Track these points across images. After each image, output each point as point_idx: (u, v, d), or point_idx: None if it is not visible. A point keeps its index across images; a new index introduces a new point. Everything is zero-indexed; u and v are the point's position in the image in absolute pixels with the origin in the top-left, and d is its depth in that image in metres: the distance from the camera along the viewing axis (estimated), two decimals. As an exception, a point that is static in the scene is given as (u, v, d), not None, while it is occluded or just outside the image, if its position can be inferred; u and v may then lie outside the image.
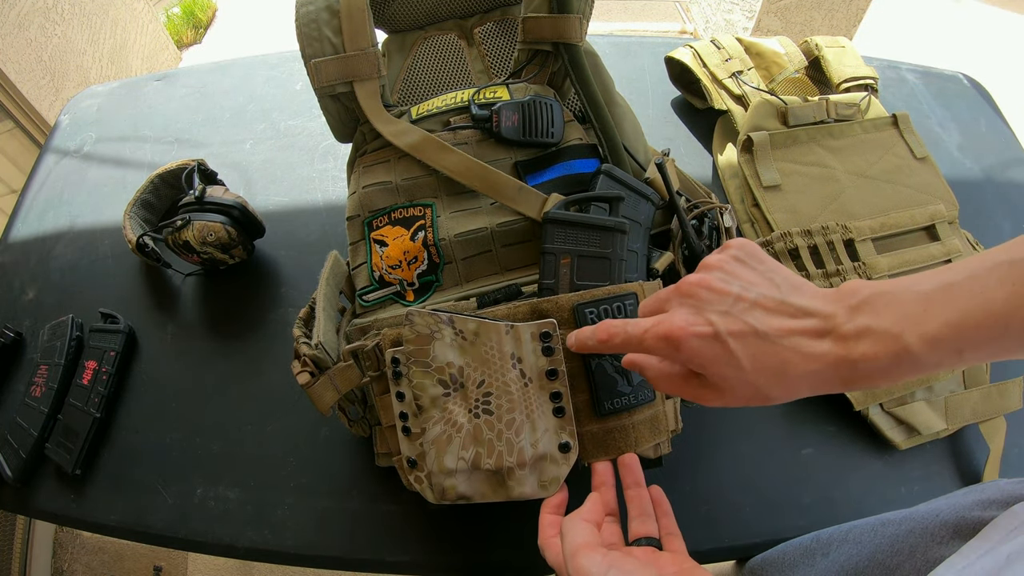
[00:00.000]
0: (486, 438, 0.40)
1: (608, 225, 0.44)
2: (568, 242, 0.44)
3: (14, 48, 1.42)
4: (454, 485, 0.40)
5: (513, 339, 0.39)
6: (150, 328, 0.68)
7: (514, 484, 0.40)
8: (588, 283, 0.43)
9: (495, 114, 0.50)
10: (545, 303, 0.41)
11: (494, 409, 0.40)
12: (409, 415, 0.42)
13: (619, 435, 0.41)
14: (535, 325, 0.40)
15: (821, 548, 0.42)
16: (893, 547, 0.37)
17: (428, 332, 0.40)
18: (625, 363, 0.38)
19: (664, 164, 0.49)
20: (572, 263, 0.44)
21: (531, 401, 0.40)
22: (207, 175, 0.72)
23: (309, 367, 0.46)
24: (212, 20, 2.54)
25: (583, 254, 0.44)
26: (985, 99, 0.86)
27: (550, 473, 0.40)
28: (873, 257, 0.59)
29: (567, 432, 0.40)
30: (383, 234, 0.51)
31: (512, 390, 0.40)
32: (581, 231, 0.44)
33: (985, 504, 0.35)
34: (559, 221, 0.44)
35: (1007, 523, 0.32)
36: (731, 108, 0.71)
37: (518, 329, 0.39)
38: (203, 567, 1.25)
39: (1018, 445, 0.57)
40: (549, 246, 0.44)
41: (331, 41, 0.50)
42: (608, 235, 0.44)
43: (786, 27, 1.79)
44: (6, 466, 0.60)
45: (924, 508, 0.39)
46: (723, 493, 0.54)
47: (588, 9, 0.51)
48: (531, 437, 0.40)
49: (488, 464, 0.40)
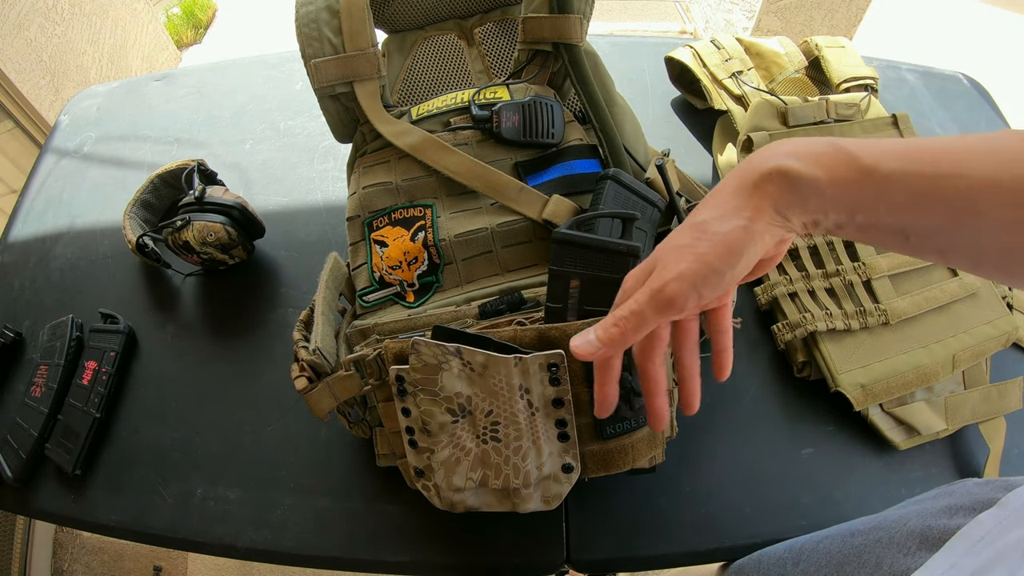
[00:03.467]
0: (494, 462, 0.41)
1: (620, 250, 0.41)
2: (578, 264, 0.41)
3: (14, 48, 1.42)
4: (463, 500, 0.43)
5: (521, 371, 0.40)
6: (150, 328, 0.68)
7: (520, 501, 0.42)
8: (597, 308, 0.41)
9: (495, 115, 0.50)
10: (553, 331, 0.40)
11: (502, 437, 0.41)
12: (416, 429, 0.42)
13: (619, 454, 0.43)
14: (543, 356, 0.39)
15: (792, 558, 0.42)
16: (860, 558, 0.37)
17: (435, 363, 0.40)
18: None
19: (664, 165, 0.49)
20: (580, 286, 0.41)
21: (537, 428, 0.41)
22: (207, 175, 0.72)
23: (307, 372, 0.46)
24: (212, 20, 2.54)
25: (592, 277, 0.41)
26: (985, 99, 0.86)
27: (553, 491, 0.43)
28: (873, 258, 0.59)
29: (571, 455, 0.42)
30: (383, 235, 0.51)
31: (520, 420, 0.40)
32: (591, 253, 0.41)
33: (952, 511, 0.35)
34: (569, 242, 0.41)
35: (973, 534, 0.32)
36: (731, 108, 0.71)
37: (526, 362, 0.39)
38: (203, 567, 1.25)
39: (1018, 445, 0.57)
40: (557, 268, 0.41)
41: (331, 41, 0.50)
42: (620, 259, 0.41)
43: (786, 27, 1.79)
44: (6, 466, 0.60)
45: (893, 514, 0.39)
46: (723, 493, 0.54)
47: (588, 9, 0.51)
48: (536, 460, 0.41)
49: (495, 484, 0.41)
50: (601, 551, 0.52)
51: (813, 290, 0.59)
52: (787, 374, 0.59)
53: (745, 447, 0.56)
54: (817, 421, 0.57)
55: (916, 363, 0.55)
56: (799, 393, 0.58)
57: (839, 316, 0.57)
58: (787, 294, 0.59)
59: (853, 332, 0.56)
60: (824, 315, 0.57)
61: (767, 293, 0.60)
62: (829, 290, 0.59)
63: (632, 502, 0.53)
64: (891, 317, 0.56)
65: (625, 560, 0.52)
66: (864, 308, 0.57)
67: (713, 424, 0.56)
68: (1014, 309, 0.62)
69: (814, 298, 0.58)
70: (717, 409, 0.57)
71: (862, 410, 0.55)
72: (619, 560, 0.52)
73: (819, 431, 0.57)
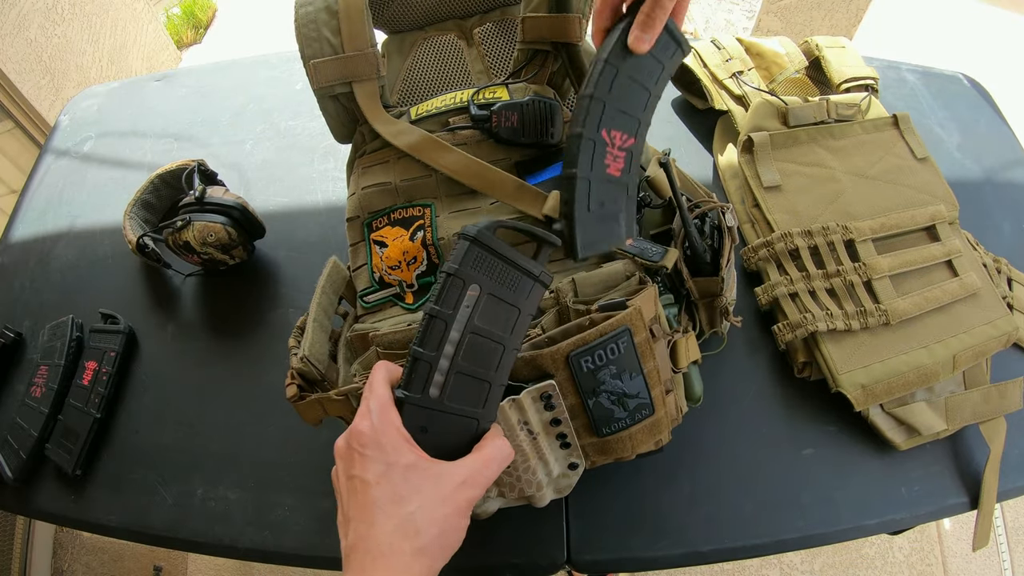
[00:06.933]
0: (507, 482, 0.43)
1: (532, 272, 0.37)
2: (483, 272, 0.36)
3: (14, 48, 1.42)
4: (486, 510, 0.45)
5: (517, 408, 0.40)
6: (150, 328, 0.68)
7: (537, 501, 0.45)
8: (486, 331, 0.36)
9: (494, 114, 0.50)
10: (541, 358, 0.40)
11: (509, 466, 0.42)
12: None
13: (617, 445, 0.44)
14: (535, 391, 0.40)
15: None
16: None
17: None
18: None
19: (668, 163, 0.49)
20: (480, 299, 0.35)
21: (541, 447, 0.42)
22: (207, 175, 0.72)
23: (297, 380, 0.46)
24: (212, 20, 2.54)
25: (495, 294, 0.36)
26: (985, 99, 0.86)
27: (564, 483, 0.46)
28: (874, 258, 0.59)
29: (575, 455, 0.44)
30: (383, 235, 0.51)
31: (525, 448, 0.42)
32: (500, 265, 0.36)
33: None
34: (482, 244, 0.36)
35: None
36: (731, 108, 0.71)
37: (520, 400, 0.40)
38: (203, 567, 1.25)
39: (1018, 445, 0.57)
40: (456, 267, 0.35)
41: (330, 42, 0.50)
42: (526, 282, 0.37)
43: (786, 27, 1.79)
44: (6, 466, 0.60)
45: None
46: (723, 493, 0.54)
47: (588, 9, 0.51)
48: (545, 469, 0.43)
49: (512, 496, 0.44)
50: (601, 551, 0.52)
51: (814, 290, 0.58)
52: (788, 374, 0.59)
53: (745, 447, 0.56)
54: (817, 421, 0.57)
55: (917, 363, 0.55)
56: (799, 393, 0.58)
57: (840, 316, 0.57)
58: (788, 294, 0.59)
59: (854, 332, 0.56)
60: (825, 315, 0.57)
61: (768, 293, 0.60)
62: (830, 290, 0.58)
63: (632, 502, 0.53)
64: (892, 317, 0.56)
65: (625, 560, 0.52)
66: (865, 308, 0.57)
67: (713, 424, 0.56)
68: (1014, 309, 0.62)
69: (815, 298, 0.58)
70: (717, 409, 0.57)
71: (863, 410, 0.55)
72: (619, 560, 0.52)
73: (819, 431, 0.57)
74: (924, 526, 1.21)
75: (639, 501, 0.53)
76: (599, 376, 0.41)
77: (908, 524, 0.54)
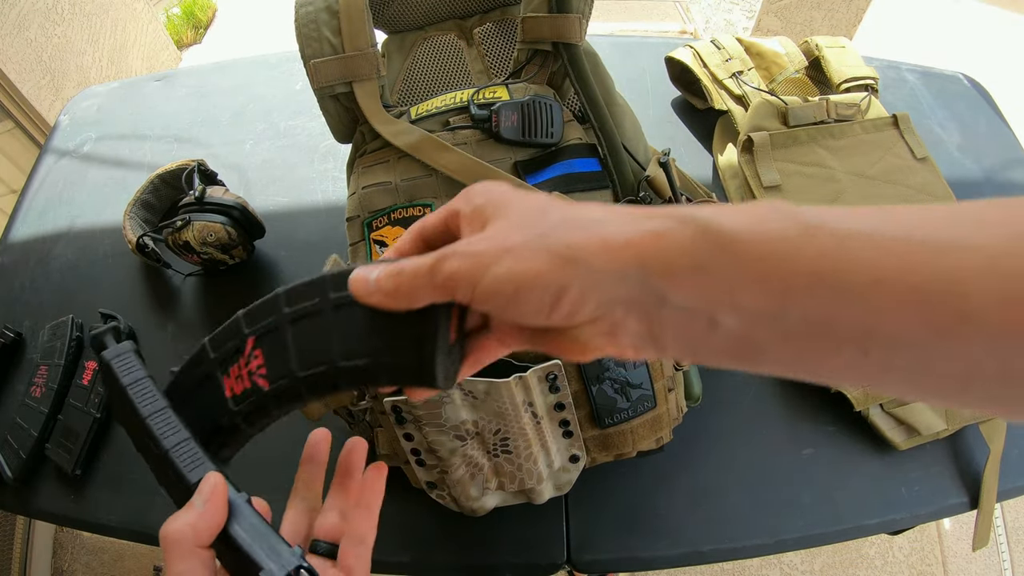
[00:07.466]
0: (507, 471, 0.43)
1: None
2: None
3: (14, 48, 1.42)
4: (482, 505, 0.45)
5: (523, 387, 0.40)
6: (150, 328, 0.68)
7: (535, 496, 0.45)
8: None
9: (494, 114, 0.50)
10: None
11: (512, 449, 0.42)
12: (422, 451, 0.43)
13: (618, 438, 0.44)
14: (541, 370, 0.40)
15: None
16: None
17: (438, 398, 0.40)
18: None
19: (668, 163, 0.49)
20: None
21: (544, 433, 0.43)
22: (207, 175, 0.72)
23: None
24: (212, 20, 2.54)
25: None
26: (985, 99, 0.86)
27: (564, 479, 0.45)
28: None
29: (576, 447, 0.44)
30: (383, 235, 0.51)
31: (527, 431, 0.42)
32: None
33: None
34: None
35: None
36: (731, 108, 0.71)
37: (526, 378, 0.40)
38: (203, 567, 1.25)
39: (1018, 445, 0.57)
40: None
41: (330, 41, 0.50)
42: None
43: (786, 27, 1.79)
44: (6, 466, 0.60)
45: None
46: (723, 493, 0.54)
47: (588, 9, 0.51)
48: (546, 459, 0.44)
49: (511, 488, 0.44)
50: (601, 551, 0.52)
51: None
52: (787, 374, 0.59)
53: (745, 447, 0.56)
54: (817, 421, 0.57)
55: (916, 363, 0.55)
56: (799, 393, 0.58)
57: (839, 316, 0.57)
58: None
59: (853, 332, 0.56)
60: (824, 315, 0.57)
61: (767, 293, 0.60)
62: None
63: (632, 502, 0.53)
64: (891, 317, 0.56)
65: (625, 560, 0.52)
66: (864, 308, 0.57)
67: (713, 424, 0.56)
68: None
69: (814, 298, 0.58)
70: (717, 409, 0.57)
71: (862, 410, 0.55)
72: (619, 560, 0.52)
73: (819, 431, 0.56)
74: (924, 526, 1.21)
75: (639, 501, 0.53)
76: (603, 362, 0.41)
77: (908, 524, 0.54)
